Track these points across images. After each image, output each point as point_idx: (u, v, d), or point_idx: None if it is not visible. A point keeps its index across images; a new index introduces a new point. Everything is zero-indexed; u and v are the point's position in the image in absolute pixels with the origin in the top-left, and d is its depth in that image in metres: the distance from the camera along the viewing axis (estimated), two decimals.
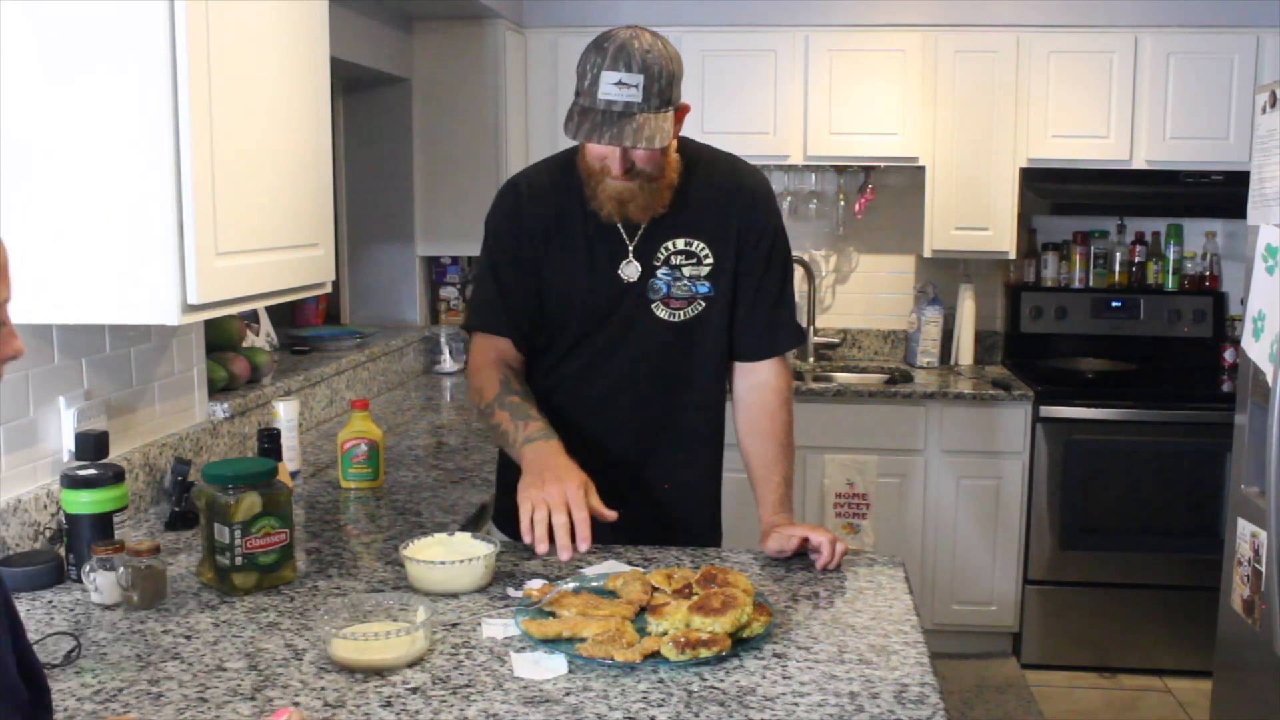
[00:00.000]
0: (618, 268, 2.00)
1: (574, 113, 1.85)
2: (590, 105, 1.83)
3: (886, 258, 4.58)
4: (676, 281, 2.01)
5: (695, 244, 2.01)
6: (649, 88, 1.81)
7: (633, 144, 1.81)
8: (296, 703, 1.37)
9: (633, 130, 1.80)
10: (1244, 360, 2.92)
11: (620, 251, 2.00)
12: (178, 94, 1.77)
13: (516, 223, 2.04)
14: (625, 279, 2.00)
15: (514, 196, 2.06)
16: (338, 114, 3.90)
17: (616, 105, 1.81)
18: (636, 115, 1.81)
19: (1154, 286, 4.43)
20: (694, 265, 2.02)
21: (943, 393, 3.96)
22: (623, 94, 1.80)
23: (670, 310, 2.02)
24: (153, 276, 1.79)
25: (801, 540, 1.88)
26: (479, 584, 1.76)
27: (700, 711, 1.36)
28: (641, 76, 1.80)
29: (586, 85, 1.83)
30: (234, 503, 1.73)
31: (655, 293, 2.01)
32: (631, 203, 1.92)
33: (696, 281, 2.02)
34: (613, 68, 1.80)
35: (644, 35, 1.85)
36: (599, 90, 1.81)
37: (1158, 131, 4.03)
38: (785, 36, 4.07)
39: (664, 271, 2.01)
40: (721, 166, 2.07)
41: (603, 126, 1.81)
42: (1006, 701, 3.71)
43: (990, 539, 3.99)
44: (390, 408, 3.48)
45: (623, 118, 1.81)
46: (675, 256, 2.01)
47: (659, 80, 1.82)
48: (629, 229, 1.99)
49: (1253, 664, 2.84)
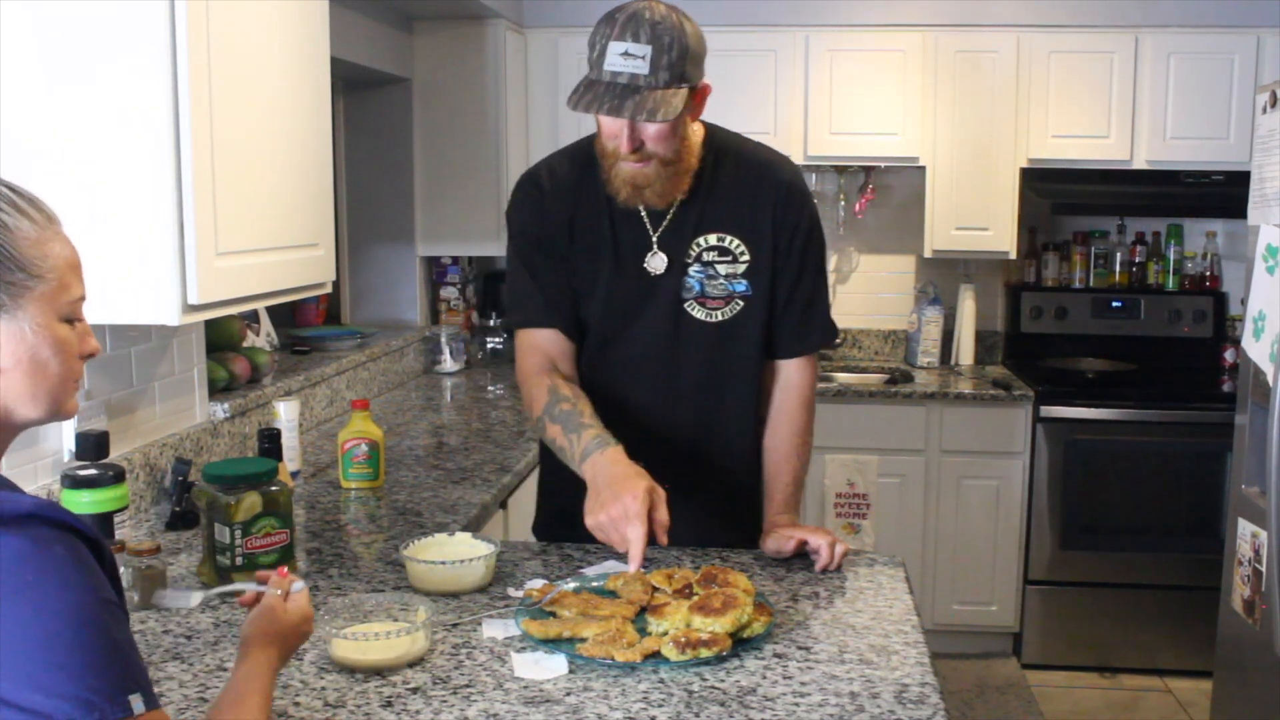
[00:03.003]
0: (643, 260, 1.93)
1: (580, 84, 1.76)
2: (596, 77, 1.74)
3: (887, 258, 4.58)
4: (711, 280, 1.93)
5: (730, 240, 1.93)
6: (656, 60, 1.71)
7: (631, 116, 1.72)
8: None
9: (634, 103, 1.71)
10: (1244, 360, 2.92)
11: (644, 243, 1.92)
12: (178, 94, 1.77)
13: (540, 213, 1.96)
14: (652, 271, 1.92)
15: (535, 186, 1.98)
16: (338, 114, 3.90)
17: (621, 77, 1.71)
18: (642, 89, 1.71)
19: (1154, 286, 4.43)
20: (729, 263, 1.93)
21: (943, 393, 3.96)
22: (628, 65, 1.71)
23: (707, 310, 1.94)
24: (153, 277, 1.79)
25: (800, 542, 1.87)
26: (479, 584, 1.76)
27: (700, 711, 1.36)
28: (649, 48, 1.70)
29: (594, 57, 1.74)
30: (234, 503, 1.73)
31: (689, 292, 1.93)
32: (648, 188, 1.84)
33: (733, 280, 1.94)
34: (620, 38, 1.71)
35: (658, 7, 1.75)
36: (605, 61, 1.72)
37: (1158, 131, 4.03)
38: (785, 36, 4.07)
39: (697, 269, 1.93)
40: (752, 157, 1.98)
41: (604, 97, 1.72)
42: (1007, 701, 3.71)
43: (990, 539, 3.99)
44: (390, 408, 3.48)
45: (626, 90, 1.72)
46: (709, 253, 1.93)
47: (668, 53, 1.72)
48: (653, 218, 1.92)
49: (1253, 664, 2.84)
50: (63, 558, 0.95)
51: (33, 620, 0.92)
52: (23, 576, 0.93)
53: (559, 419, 1.84)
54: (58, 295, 1.11)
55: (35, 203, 1.11)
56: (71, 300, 1.13)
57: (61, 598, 0.94)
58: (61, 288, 1.11)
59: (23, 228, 1.08)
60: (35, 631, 0.92)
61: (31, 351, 1.09)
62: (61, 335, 1.12)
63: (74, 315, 1.14)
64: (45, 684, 0.91)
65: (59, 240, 1.12)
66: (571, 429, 1.81)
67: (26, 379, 1.10)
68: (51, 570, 0.94)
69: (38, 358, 1.10)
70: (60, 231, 1.13)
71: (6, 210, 1.08)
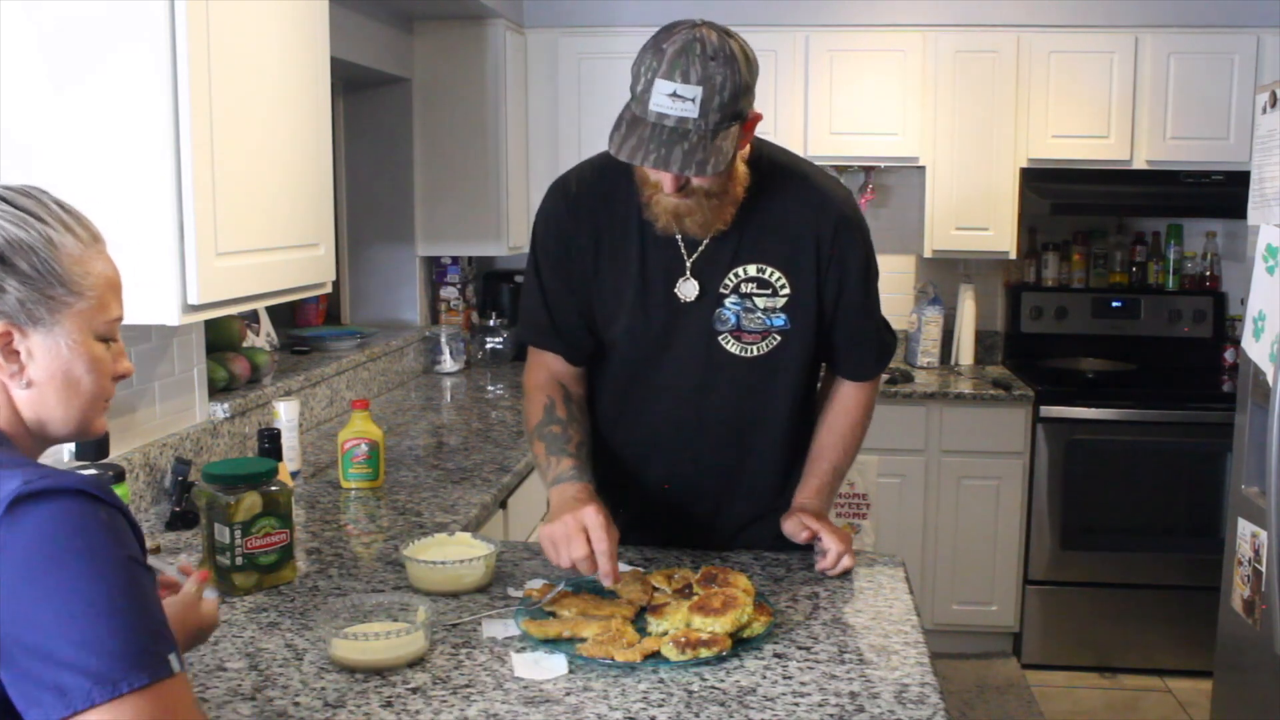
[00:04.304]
0: (674, 285, 1.81)
1: (622, 120, 1.62)
2: (640, 115, 1.59)
3: (886, 258, 4.55)
4: (748, 313, 1.82)
5: (769, 272, 1.81)
6: (708, 102, 1.56)
7: (680, 170, 1.59)
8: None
9: (682, 153, 1.57)
10: (1244, 360, 2.92)
11: (677, 268, 1.81)
12: (178, 94, 1.77)
13: (564, 227, 1.85)
14: (682, 298, 1.81)
15: (563, 198, 1.87)
16: (338, 114, 3.90)
17: (668, 120, 1.57)
18: (691, 134, 1.57)
19: (1154, 286, 4.43)
20: (769, 296, 1.82)
21: (943, 393, 3.96)
22: (676, 107, 1.56)
23: (742, 345, 1.83)
24: (153, 277, 1.79)
25: (813, 534, 1.84)
26: (479, 584, 1.76)
27: (700, 711, 1.36)
28: (700, 90, 1.56)
29: (639, 91, 1.59)
30: (234, 503, 1.73)
31: (723, 323, 1.82)
32: (689, 217, 1.72)
33: (771, 314, 1.82)
34: (668, 76, 1.56)
35: (711, 36, 1.59)
36: (650, 99, 1.57)
37: (1158, 131, 4.02)
38: (785, 36, 4.07)
39: (733, 300, 1.81)
40: (800, 184, 1.83)
41: (650, 143, 1.58)
42: (1007, 702, 3.71)
43: (990, 539, 3.99)
44: (390, 408, 3.48)
45: (674, 135, 1.57)
46: (746, 284, 1.81)
47: (721, 93, 1.57)
48: (688, 243, 1.80)
49: (1253, 664, 2.84)
50: (109, 525, 0.99)
51: (87, 583, 0.95)
52: (73, 542, 0.96)
53: (545, 439, 1.84)
54: (96, 314, 1.13)
55: (82, 220, 1.14)
56: (109, 320, 1.14)
57: (112, 563, 0.97)
58: (100, 307, 1.13)
59: (68, 244, 1.10)
60: (88, 594, 0.95)
61: (66, 368, 1.11)
62: (97, 354, 1.13)
63: (110, 335, 1.15)
64: (100, 644, 0.94)
65: (102, 259, 1.14)
66: (554, 451, 1.81)
67: (59, 395, 1.12)
68: (102, 537, 0.97)
69: (71, 374, 1.12)
70: (104, 251, 1.15)
71: (54, 226, 1.10)
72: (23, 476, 0.97)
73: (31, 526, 0.95)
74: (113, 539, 0.98)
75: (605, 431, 1.96)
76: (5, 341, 1.09)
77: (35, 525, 0.95)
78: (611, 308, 1.86)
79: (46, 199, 1.12)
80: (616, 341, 1.88)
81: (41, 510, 0.96)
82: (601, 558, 1.61)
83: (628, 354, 1.89)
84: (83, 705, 0.92)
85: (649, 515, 1.97)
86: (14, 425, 1.11)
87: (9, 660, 0.94)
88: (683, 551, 1.94)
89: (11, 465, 1.01)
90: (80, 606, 0.94)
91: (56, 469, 1.02)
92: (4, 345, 1.09)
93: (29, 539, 0.95)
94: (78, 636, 0.93)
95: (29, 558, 0.94)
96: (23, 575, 0.94)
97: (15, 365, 1.10)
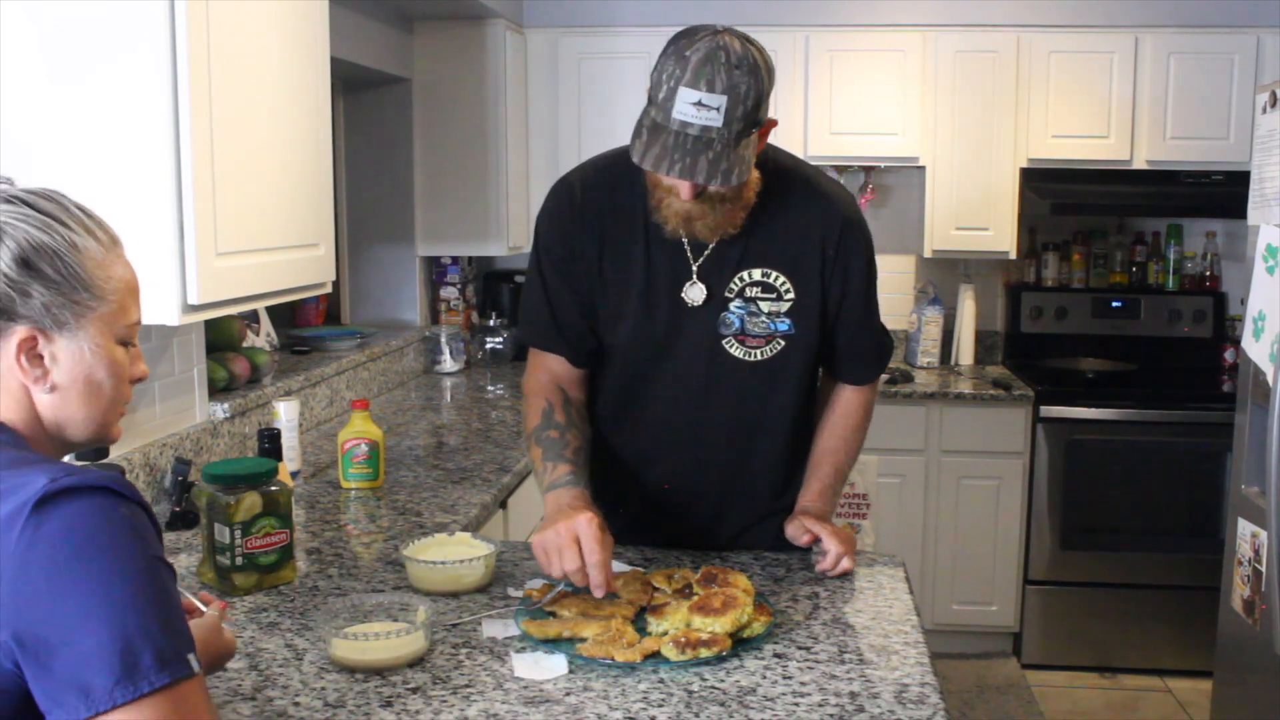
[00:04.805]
0: (680, 288, 1.81)
1: (643, 128, 1.61)
2: (663, 122, 1.59)
3: (886, 258, 4.56)
4: (753, 317, 1.82)
5: (774, 276, 1.81)
6: (732, 111, 1.56)
7: (705, 180, 1.59)
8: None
9: (708, 162, 1.58)
10: (1244, 360, 2.92)
11: (683, 271, 1.80)
12: (178, 94, 1.77)
13: (568, 228, 1.84)
14: (689, 302, 1.81)
15: (567, 197, 1.85)
16: (338, 114, 3.90)
17: (692, 129, 1.57)
18: (715, 143, 1.58)
19: (1154, 286, 4.43)
20: (773, 300, 1.82)
21: (943, 393, 3.96)
22: (700, 116, 1.56)
23: (746, 349, 1.83)
24: (153, 277, 1.79)
25: (814, 537, 1.84)
26: (479, 584, 1.76)
27: (700, 711, 1.36)
28: (725, 99, 1.56)
29: (661, 98, 1.58)
30: (234, 503, 1.73)
31: (727, 327, 1.82)
32: (700, 221, 1.71)
33: (775, 319, 1.82)
34: (693, 84, 1.56)
35: (734, 43, 1.58)
36: (673, 108, 1.57)
37: (1158, 131, 4.02)
38: (785, 36, 4.07)
39: (738, 305, 1.81)
40: (806, 188, 1.84)
41: (674, 152, 1.58)
42: (1007, 702, 3.71)
43: (990, 539, 3.99)
44: (390, 408, 3.48)
45: (698, 144, 1.57)
46: (751, 289, 1.81)
47: (745, 102, 1.57)
48: (694, 246, 1.80)
49: (1253, 664, 2.84)
50: (132, 523, 0.99)
51: (111, 582, 0.96)
52: (98, 540, 0.96)
53: (543, 443, 1.83)
54: (117, 318, 1.13)
55: (102, 224, 1.14)
56: (129, 324, 1.15)
57: (136, 561, 0.98)
58: (121, 310, 1.13)
59: (90, 248, 1.11)
60: (111, 593, 0.95)
61: (88, 372, 1.12)
62: (117, 357, 1.14)
63: (129, 339, 1.16)
64: (124, 643, 0.94)
65: (121, 263, 1.15)
66: (550, 456, 1.80)
67: (80, 399, 1.12)
68: (127, 533, 0.98)
69: (93, 378, 1.12)
70: (123, 255, 1.16)
71: (77, 231, 1.10)
72: (49, 474, 0.98)
73: (58, 524, 0.96)
74: (136, 537, 0.99)
75: (606, 432, 1.96)
76: (30, 346, 1.09)
77: (62, 523, 0.96)
78: (615, 310, 1.85)
79: (67, 202, 1.12)
80: (620, 344, 1.87)
81: (68, 508, 0.96)
82: (593, 570, 1.58)
83: (631, 356, 1.88)
84: (105, 705, 0.93)
85: (649, 516, 1.97)
86: (33, 428, 1.11)
87: (32, 657, 0.94)
88: (683, 552, 1.94)
89: (36, 464, 1.02)
90: (103, 605, 0.95)
91: (80, 466, 1.02)
92: (29, 350, 1.09)
93: (56, 537, 0.95)
94: (103, 635, 0.94)
95: (54, 556, 0.95)
96: (48, 573, 0.94)
97: (39, 370, 1.10)
